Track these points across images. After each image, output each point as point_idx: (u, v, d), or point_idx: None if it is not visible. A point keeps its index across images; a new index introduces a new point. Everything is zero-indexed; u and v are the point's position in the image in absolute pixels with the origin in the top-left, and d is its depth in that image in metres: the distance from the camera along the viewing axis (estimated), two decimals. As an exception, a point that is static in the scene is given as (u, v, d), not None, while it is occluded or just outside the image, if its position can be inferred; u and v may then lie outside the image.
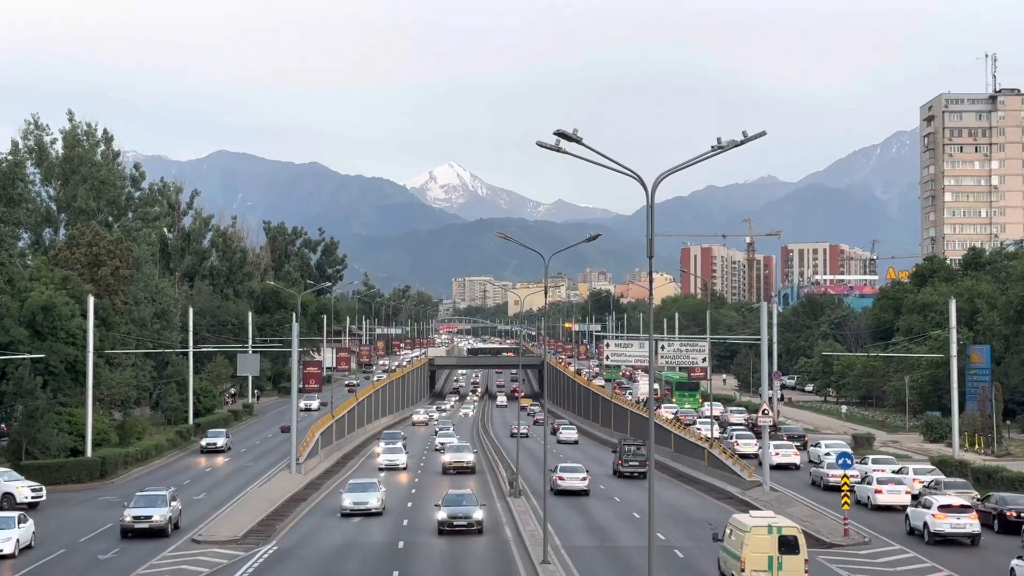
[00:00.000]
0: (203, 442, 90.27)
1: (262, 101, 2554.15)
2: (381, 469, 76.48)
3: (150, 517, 47.63)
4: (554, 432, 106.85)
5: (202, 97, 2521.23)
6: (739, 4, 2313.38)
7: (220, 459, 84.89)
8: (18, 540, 43.64)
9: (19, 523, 44.53)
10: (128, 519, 47.61)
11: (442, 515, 48.30)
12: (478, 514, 48.46)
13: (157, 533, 47.41)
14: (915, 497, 53.51)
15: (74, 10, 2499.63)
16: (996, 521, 48.61)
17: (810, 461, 74.87)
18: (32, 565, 41.43)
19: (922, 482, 57.04)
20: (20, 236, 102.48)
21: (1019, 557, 38.18)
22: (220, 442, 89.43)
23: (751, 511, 42.96)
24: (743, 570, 35.07)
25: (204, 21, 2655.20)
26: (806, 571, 35.14)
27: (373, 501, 54.39)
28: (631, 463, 74.01)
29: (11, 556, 42.43)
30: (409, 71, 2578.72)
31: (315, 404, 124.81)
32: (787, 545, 34.92)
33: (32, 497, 58.02)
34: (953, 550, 44.87)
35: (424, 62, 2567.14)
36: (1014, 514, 48.11)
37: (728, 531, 37.64)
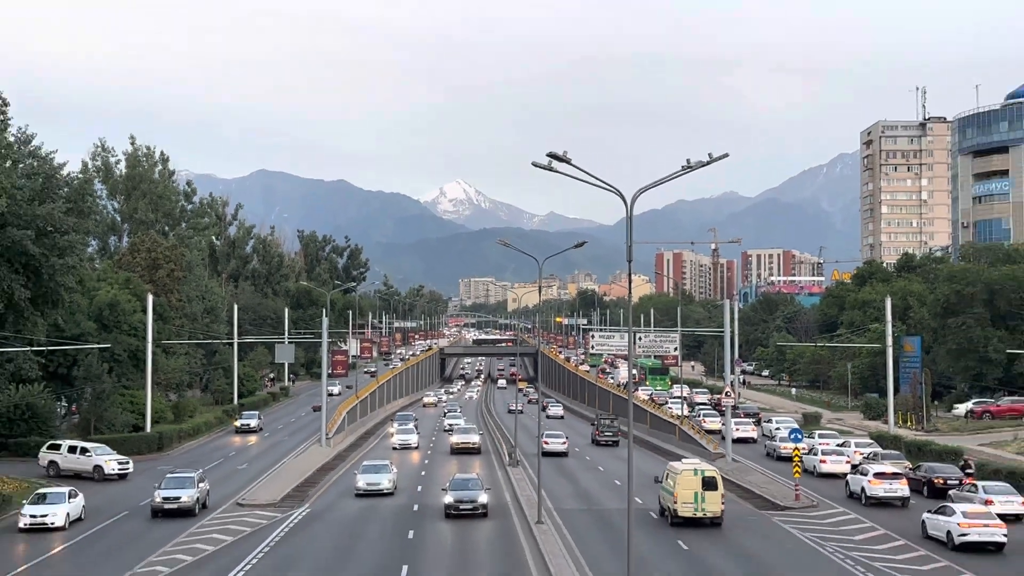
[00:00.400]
0: (237, 423, 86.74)
1: (298, 126, 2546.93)
2: (395, 448, 73.61)
3: (179, 498, 44.43)
4: (544, 409, 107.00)
5: (246, 121, 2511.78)
6: (711, 50, 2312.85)
7: (255, 437, 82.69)
8: (68, 514, 42.10)
9: (69, 498, 42.92)
10: (158, 499, 44.55)
11: (448, 499, 44.04)
12: (483, 498, 44.17)
13: (185, 513, 44.28)
14: (854, 466, 53.67)
15: (127, 41, 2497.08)
16: (925, 488, 48.80)
17: (763, 435, 75.01)
18: (80, 536, 40.48)
19: (862, 454, 57.17)
20: (89, 243, 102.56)
21: (928, 511, 39.06)
22: (253, 423, 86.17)
23: (682, 459, 48.18)
24: (675, 502, 40.50)
25: (244, 61, 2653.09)
26: (722, 503, 40.54)
27: (385, 482, 50.61)
28: (605, 434, 77.90)
29: (61, 528, 41.38)
30: (422, 93, 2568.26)
31: (336, 389, 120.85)
32: (708, 484, 40.33)
33: (119, 469, 56.80)
34: (886, 511, 45.09)
35: (432, 88, 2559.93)
36: (941, 481, 48.32)
37: (665, 474, 43.21)
